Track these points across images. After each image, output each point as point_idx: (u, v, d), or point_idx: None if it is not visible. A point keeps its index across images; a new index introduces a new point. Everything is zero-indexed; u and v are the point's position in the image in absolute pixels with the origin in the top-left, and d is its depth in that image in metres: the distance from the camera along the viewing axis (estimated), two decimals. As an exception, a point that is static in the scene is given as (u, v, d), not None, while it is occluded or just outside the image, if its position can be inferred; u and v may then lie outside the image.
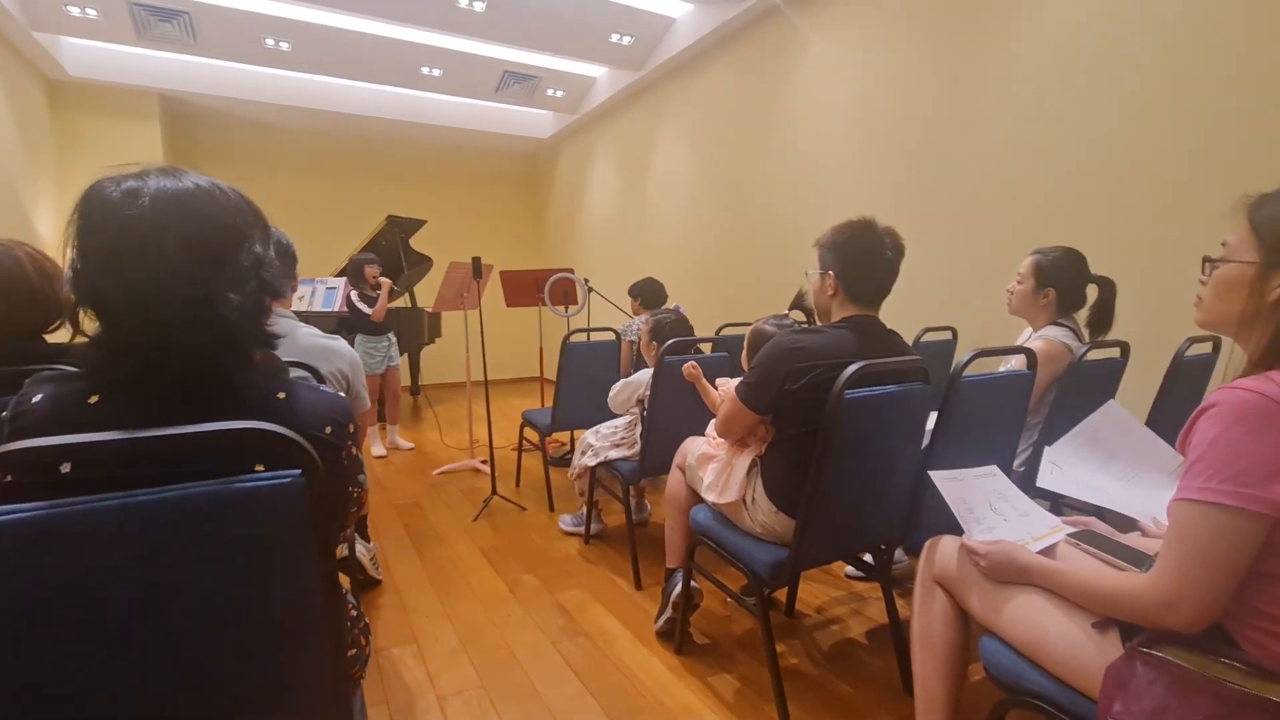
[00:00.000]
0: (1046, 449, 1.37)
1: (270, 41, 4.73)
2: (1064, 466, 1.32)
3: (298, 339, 1.71)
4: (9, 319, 1.26)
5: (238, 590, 0.70)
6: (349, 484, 0.90)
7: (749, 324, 1.96)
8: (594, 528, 2.68)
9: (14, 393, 0.74)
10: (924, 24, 3.06)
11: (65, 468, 0.66)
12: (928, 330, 2.76)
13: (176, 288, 0.69)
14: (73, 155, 5.06)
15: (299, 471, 0.70)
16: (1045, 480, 1.31)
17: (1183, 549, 0.80)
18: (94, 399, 0.71)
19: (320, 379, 1.25)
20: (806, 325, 1.81)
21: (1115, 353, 1.93)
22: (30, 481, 0.65)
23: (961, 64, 2.90)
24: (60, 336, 1.38)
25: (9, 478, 0.66)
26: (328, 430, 0.82)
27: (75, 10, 4.14)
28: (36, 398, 0.71)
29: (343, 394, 1.27)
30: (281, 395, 0.80)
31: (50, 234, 4.77)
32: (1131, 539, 1.12)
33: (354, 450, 0.90)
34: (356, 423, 0.91)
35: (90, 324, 0.74)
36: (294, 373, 1.13)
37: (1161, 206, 2.23)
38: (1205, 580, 0.78)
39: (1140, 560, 1.02)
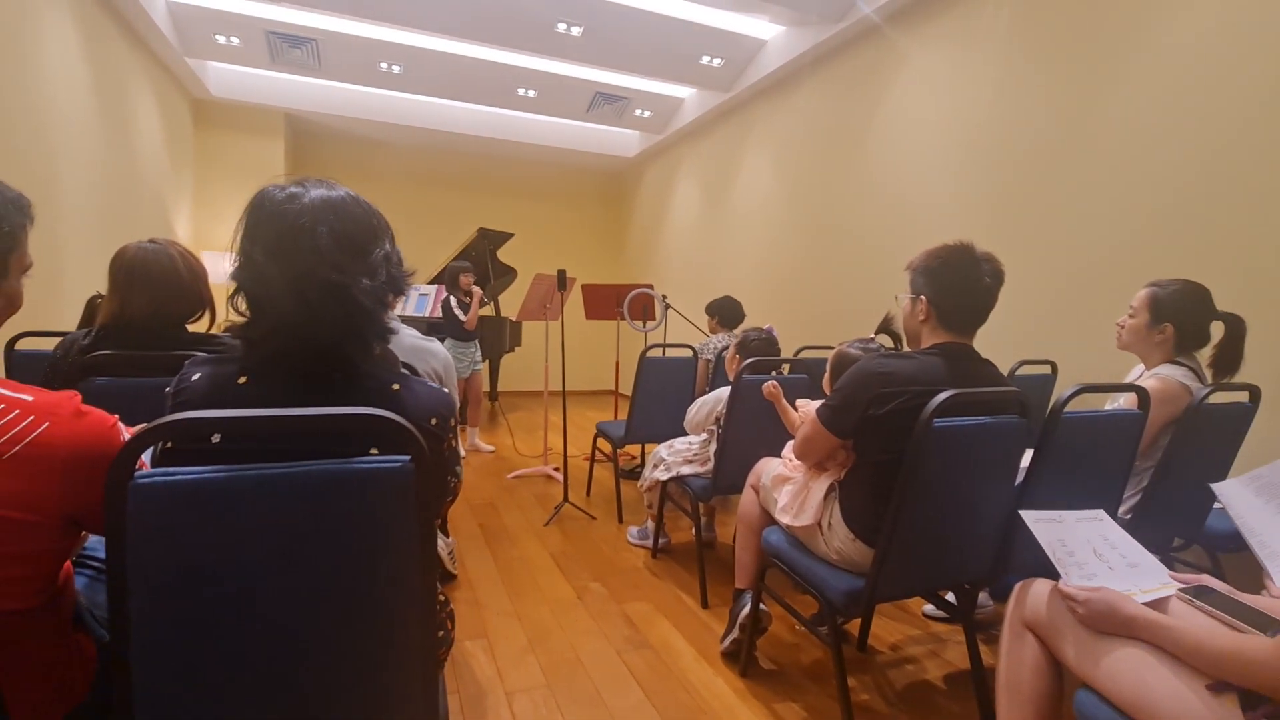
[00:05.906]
0: (1213, 485, 1.24)
1: (384, 65, 5.12)
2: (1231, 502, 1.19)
3: (401, 339, 1.83)
4: (162, 309, 1.42)
5: (349, 561, 0.76)
6: (447, 473, 0.96)
7: (829, 347, 1.93)
8: (660, 542, 2.68)
9: (169, 372, 0.85)
10: (1031, 40, 2.94)
11: (215, 438, 0.75)
12: (1024, 363, 2.62)
13: (324, 272, 0.79)
14: (209, 167, 5.64)
15: (409, 457, 0.76)
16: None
17: None
18: (243, 380, 0.80)
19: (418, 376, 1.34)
20: (894, 350, 1.76)
21: (1244, 397, 1.77)
22: (188, 449, 0.75)
23: (1071, 82, 2.76)
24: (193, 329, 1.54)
25: (170, 444, 0.75)
26: (433, 422, 0.88)
27: (221, 38, 4.65)
28: (195, 376, 0.81)
29: (446, 389, 1.35)
30: (395, 387, 0.87)
31: (185, 237, 5.32)
32: (1253, 599, 1.02)
33: (453, 442, 0.97)
34: (456, 418, 0.97)
35: (237, 311, 0.84)
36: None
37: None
38: None
39: (1267, 625, 0.93)
